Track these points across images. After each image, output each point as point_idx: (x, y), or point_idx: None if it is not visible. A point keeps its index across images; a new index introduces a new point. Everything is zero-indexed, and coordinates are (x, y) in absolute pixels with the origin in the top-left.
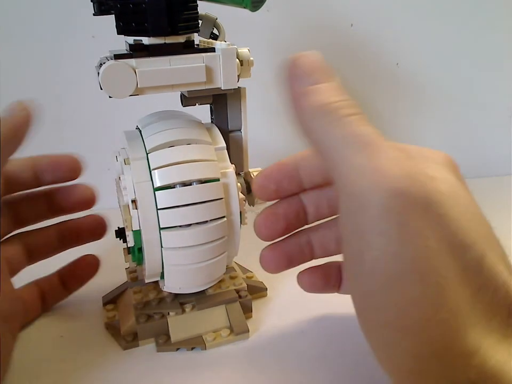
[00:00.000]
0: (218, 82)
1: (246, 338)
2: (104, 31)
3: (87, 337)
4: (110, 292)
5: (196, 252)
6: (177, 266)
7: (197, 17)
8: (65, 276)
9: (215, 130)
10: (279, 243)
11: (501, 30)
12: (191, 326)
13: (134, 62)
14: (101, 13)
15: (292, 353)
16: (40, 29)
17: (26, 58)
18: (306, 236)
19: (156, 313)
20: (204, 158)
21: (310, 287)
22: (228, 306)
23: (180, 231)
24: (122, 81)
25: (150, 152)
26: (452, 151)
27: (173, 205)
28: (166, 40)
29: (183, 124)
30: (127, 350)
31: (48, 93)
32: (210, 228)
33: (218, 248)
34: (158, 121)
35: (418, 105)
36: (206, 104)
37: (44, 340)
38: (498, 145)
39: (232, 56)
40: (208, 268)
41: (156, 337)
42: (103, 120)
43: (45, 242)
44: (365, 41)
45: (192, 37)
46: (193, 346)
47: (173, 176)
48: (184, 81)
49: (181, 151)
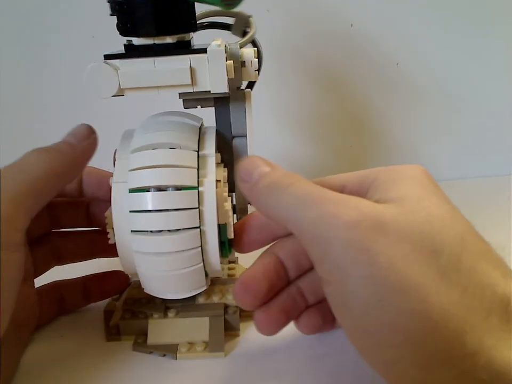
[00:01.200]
0: (204, 85)
1: (220, 356)
2: (104, 31)
3: (90, 341)
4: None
5: (166, 260)
6: (147, 270)
7: (191, 17)
8: (90, 285)
9: (210, 135)
10: (270, 302)
11: (501, 30)
12: (169, 332)
13: (118, 63)
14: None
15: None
16: (40, 29)
17: (26, 58)
18: (295, 285)
19: (141, 312)
20: (183, 164)
21: (310, 328)
22: (211, 319)
23: (150, 236)
24: (105, 82)
25: (132, 152)
26: (452, 151)
27: (145, 208)
28: (154, 41)
29: (173, 127)
30: (109, 342)
31: (48, 93)
32: (182, 237)
33: (190, 258)
34: (153, 122)
35: (418, 105)
36: (208, 107)
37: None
38: (498, 145)
39: (220, 57)
40: (179, 277)
41: (136, 336)
42: (104, 121)
43: (76, 246)
44: (365, 41)
45: (186, 37)
46: (165, 353)
47: (148, 179)
48: (168, 83)
49: (160, 154)
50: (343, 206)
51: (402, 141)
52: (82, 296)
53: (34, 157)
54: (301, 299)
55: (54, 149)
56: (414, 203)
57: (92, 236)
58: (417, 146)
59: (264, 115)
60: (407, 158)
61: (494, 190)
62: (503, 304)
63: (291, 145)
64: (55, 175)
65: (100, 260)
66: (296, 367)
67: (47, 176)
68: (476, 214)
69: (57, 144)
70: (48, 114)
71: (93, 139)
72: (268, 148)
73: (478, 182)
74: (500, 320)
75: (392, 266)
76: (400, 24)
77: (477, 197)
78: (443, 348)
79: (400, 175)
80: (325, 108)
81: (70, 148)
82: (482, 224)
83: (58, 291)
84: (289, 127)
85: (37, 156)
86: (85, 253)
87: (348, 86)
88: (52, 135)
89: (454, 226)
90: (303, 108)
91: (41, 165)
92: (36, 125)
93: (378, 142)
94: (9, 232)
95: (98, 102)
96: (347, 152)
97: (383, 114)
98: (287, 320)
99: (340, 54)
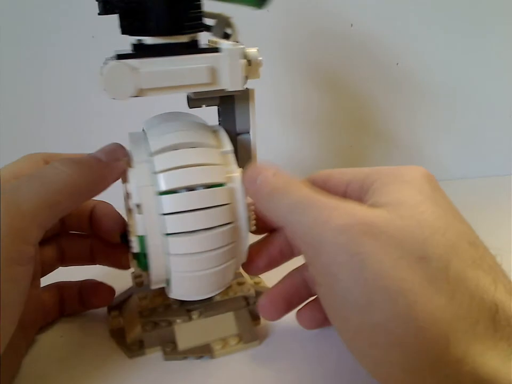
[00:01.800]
0: (223, 83)
1: (255, 346)
2: (104, 31)
3: (92, 346)
4: (115, 298)
5: (202, 258)
6: (184, 273)
7: (201, 17)
8: (85, 292)
9: (222, 132)
10: (275, 289)
11: (501, 30)
12: (198, 333)
13: (136, 63)
14: (105, 13)
15: (306, 360)
16: (40, 29)
17: (26, 58)
18: (299, 274)
19: (162, 320)
20: (209, 162)
21: (311, 323)
22: (235, 313)
23: (186, 237)
24: (124, 82)
25: (154, 154)
26: (452, 151)
27: (178, 210)
28: (169, 40)
29: (187, 126)
30: (133, 359)
31: (48, 93)
32: (217, 234)
33: (225, 254)
34: (163, 123)
35: (418, 105)
36: (213, 105)
37: (45, 345)
38: (498, 145)
39: (237, 56)
40: (216, 275)
41: (163, 345)
42: (105, 121)
43: (79, 249)
44: (365, 41)
45: (196, 36)
46: (201, 354)
47: (178, 180)
48: (187, 83)
49: (186, 154)
50: (336, 210)
51: (403, 141)
52: (78, 301)
53: (58, 167)
54: (305, 289)
55: (81, 161)
56: (407, 209)
57: (94, 241)
58: (417, 146)
59: (267, 115)
60: (407, 158)
61: (494, 190)
62: (491, 312)
63: (294, 145)
64: (77, 190)
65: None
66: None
67: (68, 190)
68: (476, 214)
69: (86, 157)
70: (48, 114)
71: (124, 161)
72: (271, 148)
73: (478, 182)
74: (487, 329)
75: (380, 271)
76: (400, 24)
77: (477, 197)
78: (428, 352)
79: (398, 179)
80: (325, 107)
81: (99, 165)
82: (482, 224)
83: (59, 292)
84: (291, 127)
85: (61, 166)
86: (87, 258)
87: (347, 86)
88: (52, 135)
89: (446, 233)
90: (303, 107)
91: (64, 178)
92: (36, 125)
93: (378, 142)
94: (21, 246)
95: (98, 102)
96: (347, 152)
97: (383, 114)
98: (288, 309)
99: (339, 54)
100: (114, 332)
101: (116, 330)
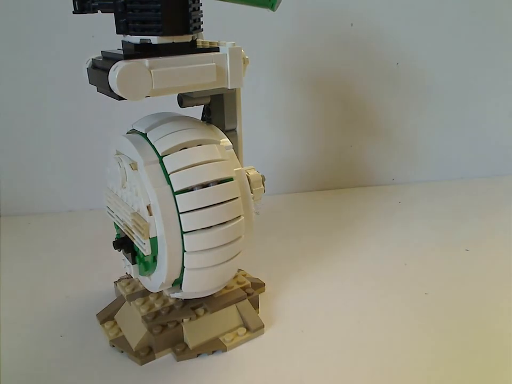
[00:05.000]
0: (225, 82)
1: (262, 333)
2: (104, 31)
3: (94, 360)
4: (105, 309)
5: (218, 253)
6: (199, 269)
7: (201, 17)
8: None
9: (216, 129)
10: None
11: (501, 30)
12: (207, 329)
13: (147, 63)
14: (82, 11)
15: (314, 341)
16: (40, 29)
17: (26, 58)
18: None
19: (170, 322)
20: (217, 157)
21: None
22: (238, 305)
23: (201, 233)
24: (140, 83)
25: (164, 155)
26: (452, 151)
27: (194, 207)
28: (174, 40)
29: (189, 125)
30: (144, 365)
31: (48, 93)
32: (230, 228)
33: (237, 247)
34: (163, 124)
35: (418, 105)
36: (203, 104)
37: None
38: (498, 145)
39: (239, 55)
40: (227, 268)
41: (173, 347)
42: (103, 121)
43: None
44: (365, 41)
45: (195, 36)
46: (213, 349)
47: (192, 178)
48: (196, 82)
49: (195, 152)
50: None
51: (402, 141)
52: None
53: None
54: None
55: None
56: None
57: None
58: (417, 146)
59: (264, 115)
60: (407, 158)
61: (494, 190)
62: None
63: (294, 145)
64: None
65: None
66: None
67: None
68: (476, 214)
69: None
70: (47, 114)
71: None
72: (268, 149)
73: (478, 182)
74: None
75: None
76: (400, 24)
77: (477, 197)
78: None
79: None
80: (325, 107)
81: None
82: (482, 224)
83: None
84: (291, 127)
85: None
86: None
87: (347, 85)
88: (52, 134)
89: None
90: (302, 107)
91: None
92: (35, 125)
93: (378, 141)
94: None
95: (98, 102)
96: (348, 152)
97: (383, 114)
98: None
99: (339, 53)
100: (116, 342)
101: (117, 340)
